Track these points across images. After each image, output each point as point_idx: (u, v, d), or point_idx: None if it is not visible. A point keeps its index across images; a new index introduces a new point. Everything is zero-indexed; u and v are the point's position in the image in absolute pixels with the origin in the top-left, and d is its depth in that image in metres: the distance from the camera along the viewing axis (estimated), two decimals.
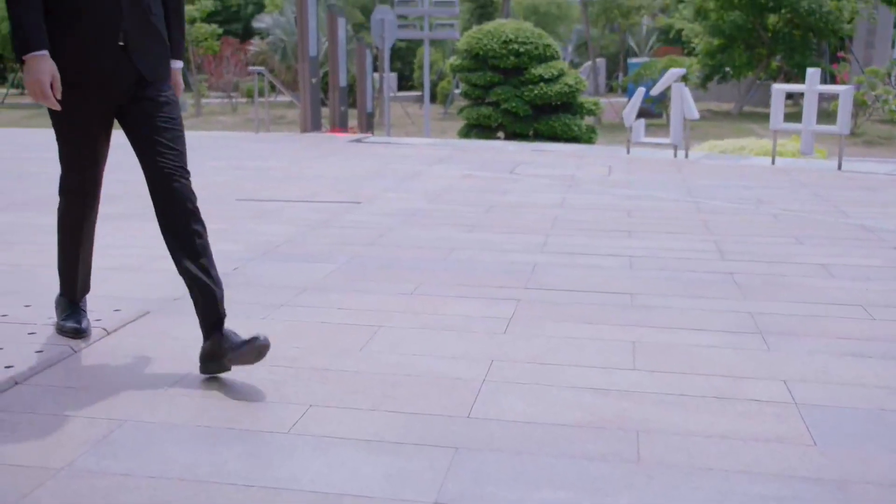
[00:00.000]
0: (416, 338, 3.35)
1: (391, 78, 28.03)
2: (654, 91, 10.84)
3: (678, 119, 10.20)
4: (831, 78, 26.78)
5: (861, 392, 2.82)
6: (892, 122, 23.17)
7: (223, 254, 4.29)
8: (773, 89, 9.81)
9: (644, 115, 11.22)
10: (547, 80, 18.39)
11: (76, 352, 3.13)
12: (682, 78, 10.40)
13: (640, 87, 11.15)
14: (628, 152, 10.76)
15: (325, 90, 20.39)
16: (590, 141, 18.36)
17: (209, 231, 2.95)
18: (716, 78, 30.43)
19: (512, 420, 2.59)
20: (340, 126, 15.22)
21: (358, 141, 12.52)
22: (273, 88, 21.33)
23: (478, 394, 2.79)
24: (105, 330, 3.34)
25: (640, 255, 4.82)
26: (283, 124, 23.16)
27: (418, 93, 33.68)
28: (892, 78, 21.98)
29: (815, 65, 25.03)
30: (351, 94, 21.19)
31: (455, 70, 19.85)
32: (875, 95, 21.60)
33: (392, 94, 26.04)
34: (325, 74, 18.34)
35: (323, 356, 3.12)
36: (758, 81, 30.46)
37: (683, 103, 10.10)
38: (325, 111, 16.41)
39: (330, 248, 4.98)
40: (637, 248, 5.00)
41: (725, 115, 29.03)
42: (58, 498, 2.11)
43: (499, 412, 2.64)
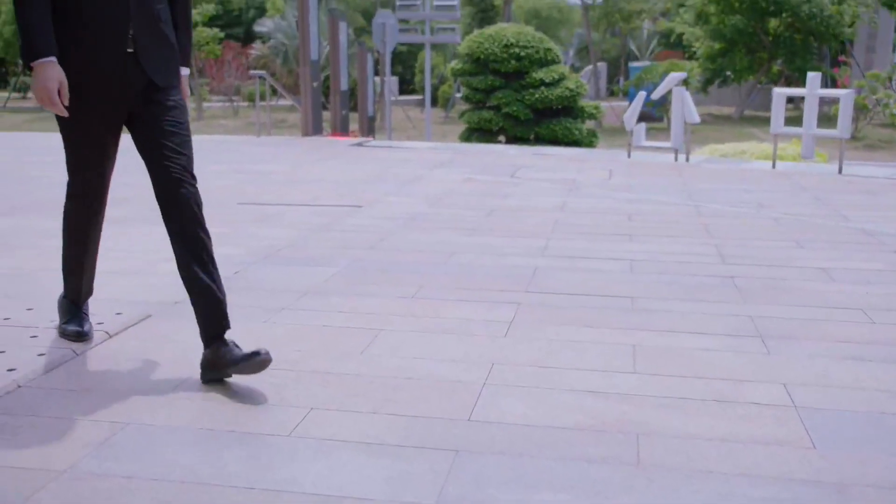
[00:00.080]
0: (417, 341, 3.36)
1: (392, 82, 28.06)
2: (655, 95, 10.85)
3: (679, 123, 10.21)
4: (832, 82, 26.80)
5: (861, 396, 2.83)
6: (893, 125, 23.19)
7: (225, 257, 4.30)
8: (773, 93, 9.82)
9: (645, 118, 11.25)
10: (548, 84, 18.40)
11: (78, 355, 3.14)
12: (682, 82, 10.42)
13: (640, 91, 11.16)
14: (629, 156, 10.77)
15: (326, 94, 20.44)
16: (591, 145, 18.36)
17: (211, 235, 2.96)
18: (717, 82, 30.44)
19: (512, 423, 2.60)
20: (341, 130, 15.24)
21: (359, 145, 12.54)
22: (274, 92, 21.38)
23: (478, 397, 2.80)
24: (107, 333, 3.35)
25: (641, 259, 4.83)
26: (285, 128, 23.18)
27: (419, 96, 33.72)
28: (893, 82, 21.99)
29: (816, 69, 25.04)
30: (352, 98, 21.21)
31: (456, 74, 19.86)
32: (876, 99, 21.61)
33: (393, 98, 26.06)
34: (327, 78, 18.39)
35: (324, 359, 3.13)
36: (759, 85, 30.48)
37: (684, 107, 10.11)
38: (326, 115, 16.43)
39: (331, 251, 4.99)
40: (638, 252, 5.01)
41: (726, 119, 29.04)
42: (60, 500, 2.12)
43: (499, 415, 2.65)
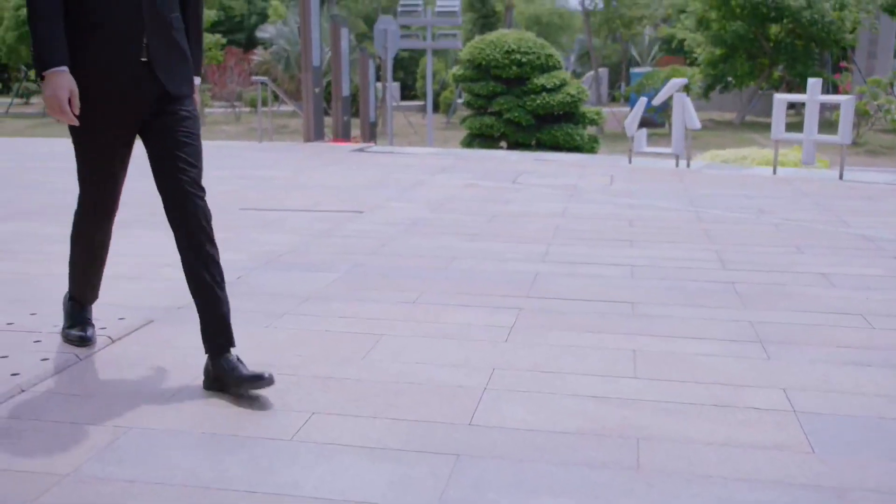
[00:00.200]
0: (418, 346, 3.37)
1: (394, 88, 28.11)
2: (656, 101, 10.87)
3: (680, 129, 10.23)
4: (833, 88, 26.83)
5: (860, 400, 2.84)
6: (894, 131, 23.20)
7: (226, 263, 4.30)
8: (774, 99, 9.84)
9: (647, 124, 11.27)
10: (549, 90, 18.44)
11: (81, 360, 3.15)
12: (683, 88, 10.44)
13: (642, 97, 11.18)
14: (630, 162, 10.79)
15: (327, 100, 20.48)
16: (592, 150, 18.39)
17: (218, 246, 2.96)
18: (718, 88, 30.49)
19: (513, 427, 2.61)
20: (343, 136, 15.27)
21: (360, 150, 12.56)
22: (276, 98, 21.40)
23: (479, 401, 2.81)
24: (110, 338, 3.36)
25: (642, 265, 4.84)
26: (286, 134, 23.23)
27: (421, 102, 33.79)
28: (894, 88, 22.01)
29: (817, 75, 25.08)
30: (354, 104, 21.24)
31: (457, 80, 19.91)
32: (877, 105, 21.65)
33: (395, 104, 26.11)
34: (328, 84, 18.42)
35: (325, 364, 3.15)
36: (760, 91, 30.52)
37: (685, 113, 10.13)
38: (327, 121, 16.47)
39: (332, 257, 5.00)
40: (638, 258, 5.03)
41: (727, 125, 29.07)
42: None
43: (500, 420, 2.67)
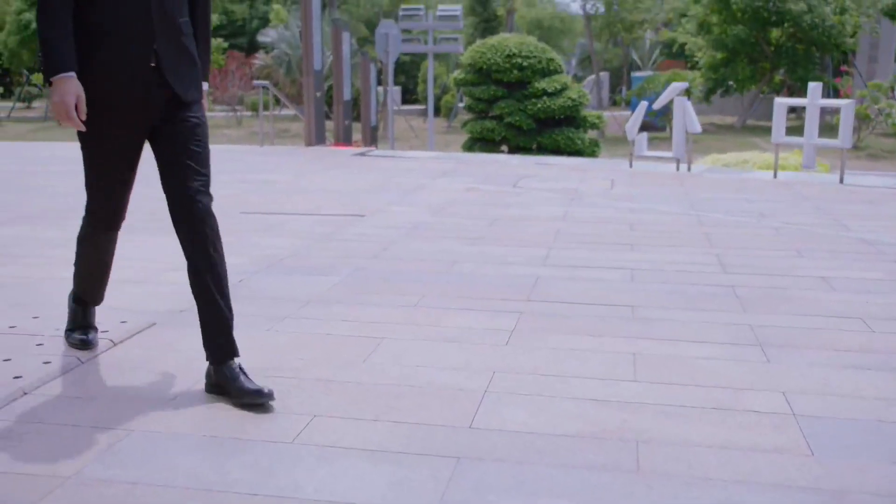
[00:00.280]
0: (419, 349, 3.39)
1: (395, 91, 28.14)
2: (657, 105, 10.88)
3: (680, 133, 10.24)
4: (834, 92, 26.84)
5: (859, 404, 2.85)
6: (895, 135, 23.21)
7: (228, 267, 4.31)
8: (775, 103, 9.86)
9: (648, 128, 11.29)
10: (550, 94, 18.46)
11: (83, 363, 3.17)
12: (684, 92, 10.45)
13: (642, 101, 11.20)
14: (631, 166, 10.80)
15: (329, 104, 20.50)
16: (593, 154, 18.40)
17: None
18: (719, 91, 30.49)
19: (513, 430, 2.62)
20: (344, 139, 15.29)
21: (362, 154, 12.58)
22: (277, 102, 21.45)
23: (480, 404, 2.82)
24: (112, 341, 3.38)
25: (642, 268, 4.85)
26: (288, 138, 23.25)
27: (422, 106, 33.80)
28: (895, 92, 22.02)
29: (818, 79, 25.10)
30: (355, 108, 21.25)
31: (459, 84, 19.94)
32: (878, 109, 21.65)
33: (396, 108, 26.14)
34: (330, 88, 18.44)
35: (326, 367, 3.16)
36: (761, 95, 30.53)
37: (685, 117, 10.14)
38: (329, 125, 16.49)
39: (334, 260, 5.02)
40: (639, 261, 5.04)
41: (729, 129, 29.08)
42: None
43: (500, 422, 2.68)
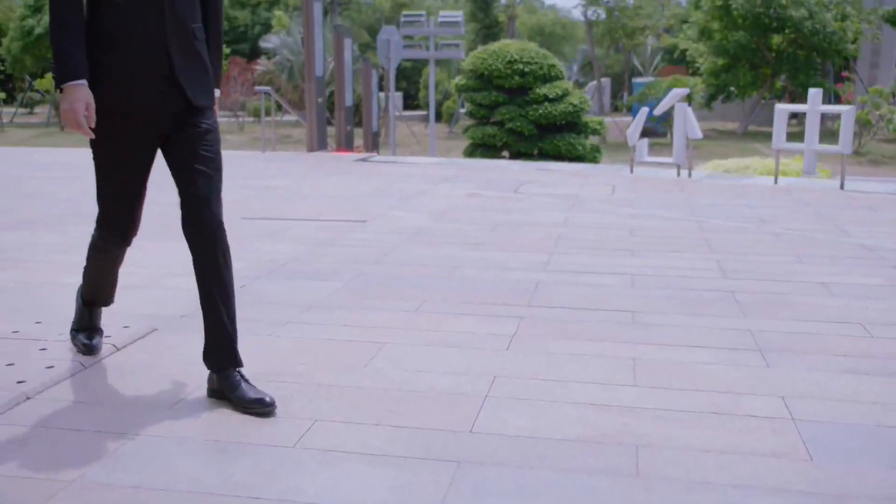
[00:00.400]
0: (420, 354, 3.40)
1: (397, 97, 28.21)
2: (657, 111, 10.91)
3: (681, 139, 10.27)
4: (836, 97, 26.89)
5: (858, 408, 2.87)
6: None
7: None
8: (775, 109, 9.88)
9: (649, 134, 11.31)
10: (551, 100, 18.51)
11: (86, 367, 3.19)
12: (685, 98, 10.47)
13: (643, 107, 11.22)
14: (632, 171, 10.82)
15: (331, 109, 20.54)
16: (594, 160, 18.44)
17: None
18: (720, 97, 30.56)
19: (514, 435, 2.63)
20: (346, 145, 15.32)
21: (363, 160, 12.61)
22: (279, 108, 21.50)
23: (480, 409, 2.84)
24: (114, 346, 3.39)
25: (643, 274, 4.87)
26: (290, 143, 23.31)
27: (424, 112, 33.87)
28: None
29: (819, 85, 25.16)
30: (357, 114, 21.29)
31: (460, 90, 20.00)
32: (879, 115, 21.69)
33: (397, 114, 26.19)
34: (332, 94, 18.48)
35: (328, 372, 3.18)
36: (762, 101, 30.58)
37: (686, 123, 10.17)
38: (330, 130, 16.52)
39: (335, 266, 5.03)
40: (639, 267, 5.05)
41: (730, 135, 29.12)
42: None
43: (501, 427, 2.69)
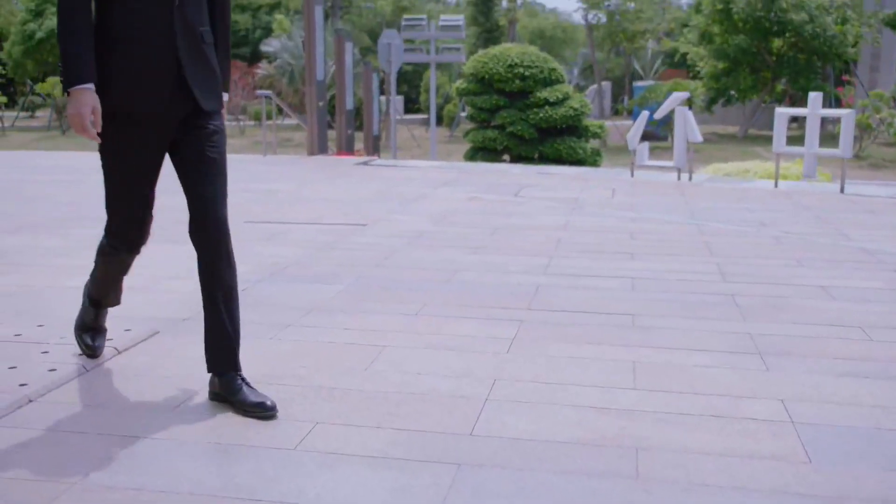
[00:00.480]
0: (421, 357, 3.41)
1: (397, 101, 28.22)
2: (658, 115, 10.93)
3: (682, 142, 10.28)
4: (836, 101, 26.88)
5: (857, 411, 2.88)
6: None
7: None
8: (776, 113, 9.90)
9: (650, 137, 11.32)
10: (552, 104, 18.52)
11: (88, 370, 3.20)
12: (686, 101, 10.48)
13: (643, 111, 11.24)
14: (632, 175, 10.83)
15: (331, 113, 20.57)
16: (595, 164, 18.45)
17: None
18: (721, 101, 30.56)
19: (514, 437, 2.65)
20: (347, 149, 15.34)
21: (364, 164, 12.63)
22: (280, 112, 21.51)
23: (480, 412, 2.85)
24: (116, 349, 3.41)
25: (643, 277, 4.88)
26: (290, 147, 23.32)
27: (424, 116, 33.89)
28: None
29: (820, 88, 25.18)
30: (357, 118, 21.32)
31: (461, 93, 20.01)
32: (880, 118, 21.70)
33: (398, 117, 26.22)
34: (332, 98, 18.50)
35: (329, 375, 3.19)
36: (763, 105, 30.59)
37: (686, 126, 10.18)
38: (331, 134, 16.54)
39: (336, 269, 5.05)
40: (639, 270, 5.07)
41: (731, 138, 29.12)
42: None
43: (501, 429, 2.70)
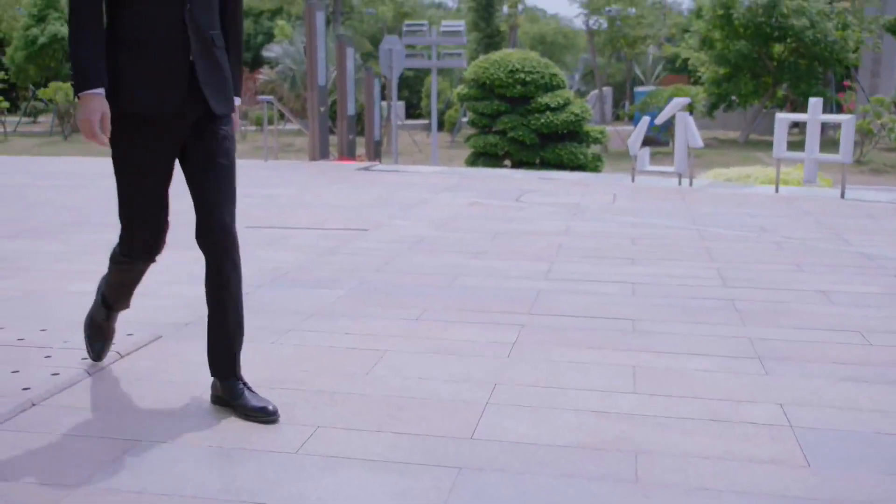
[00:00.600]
0: (422, 362, 3.43)
1: (399, 106, 28.27)
2: (658, 120, 10.94)
3: (682, 148, 10.30)
4: (837, 107, 26.92)
5: (856, 415, 2.89)
6: None
7: None
8: (776, 118, 9.92)
9: (651, 143, 11.34)
10: (553, 109, 18.55)
11: (91, 374, 3.21)
12: (687, 107, 10.50)
13: (644, 116, 11.26)
14: (633, 180, 10.85)
15: (333, 118, 20.62)
16: (596, 169, 18.47)
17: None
18: (722, 106, 30.60)
19: (514, 441, 2.66)
20: (348, 154, 15.37)
21: (366, 169, 12.66)
22: (282, 117, 21.56)
23: (481, 416, 2.86)
24: (119, 353, 3.42)
25: (643, 282, 4.89)
26: (292, 152, 23.36)
27: (426, 121, 33.95)
28: None
29: (820, 94, 25.19)
30: (359, 123, 21.36)
31: (462, 99, 20.04)
32: (881, 124, 21.72)
33: (400, 123, 26.26)
34: (334, 103, 18.54)
35: (330, 379, 3.20)
36: (764, 110, 30.62)
37: (687, 132, 10.20)
38: (333, 139, 16.58)
39: (337, 274, 5.06)
40: (640, 275, 5.08)
41: (732, 144, 29.15)
42: None
43: (501, 434, 2.72)
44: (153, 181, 2.84)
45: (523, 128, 18.53)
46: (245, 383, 2.90)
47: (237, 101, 2.95)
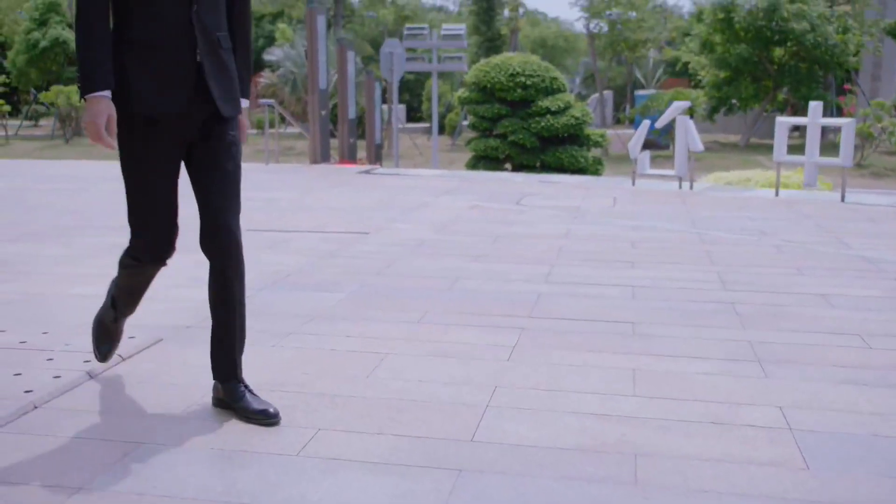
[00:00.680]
0: (422, 364, 3.44)
1: (400, 110, 28.31)
2: (659, 124, 10.96)
3: (683, 151, 10.31)
4: (838, 110, 26.94)
5: (855, 418, 2.90)
6: None
7: None
8: (777, 122, 9.93)
9: (652, 146, 11.35)
10: (554, 113, 18.59)
11: (92, 377, 3.23)
12: (688, 111, 10.51)
13: (645, 120, 11.27)
14: (634, 184, 10.86)
15: (334, 122, 20.65)
16: (596, 172, 18.50)
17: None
18: (723, 110, 30.64)
19: (514, 444, 2.67)
20: (349, 157, 15.40)
21: (366, 172, 12.67)
22: (283, 120, 21.57)
23: (481, 418, 2.87)
24: (120, 356, 3.43)
25: (643, 286, 4.90)
26: (293, 155, 23.38)
27: (426, 124, 33.98)
28: None
29: (821, 97, 25.23)
30: (360, 126, 21.38)
31: (463, 102, 20.09)
32: (881, 127, 21.75)
33: (400, 126, 26.27)
34: (335, 106, 18.58)
35: (331, 382, 3.21)
36: (764, 114, 30.65)
37: (688, 135, 10.21)
38: (334, 143, 16.61)
39: (338, 277, 5.07)
40: (640, 279, 5.09)
41: (733, 147, 29.18)
42: None
43: (502, 436, 2.72)
44: (161, 182, 2.83)
45: (524, 131, 18.56)
46: (246, 386, 2.91)
47: (245, 102, 2.93)
